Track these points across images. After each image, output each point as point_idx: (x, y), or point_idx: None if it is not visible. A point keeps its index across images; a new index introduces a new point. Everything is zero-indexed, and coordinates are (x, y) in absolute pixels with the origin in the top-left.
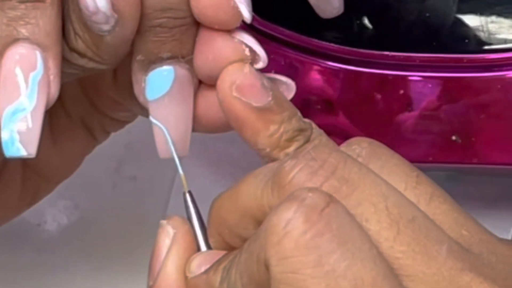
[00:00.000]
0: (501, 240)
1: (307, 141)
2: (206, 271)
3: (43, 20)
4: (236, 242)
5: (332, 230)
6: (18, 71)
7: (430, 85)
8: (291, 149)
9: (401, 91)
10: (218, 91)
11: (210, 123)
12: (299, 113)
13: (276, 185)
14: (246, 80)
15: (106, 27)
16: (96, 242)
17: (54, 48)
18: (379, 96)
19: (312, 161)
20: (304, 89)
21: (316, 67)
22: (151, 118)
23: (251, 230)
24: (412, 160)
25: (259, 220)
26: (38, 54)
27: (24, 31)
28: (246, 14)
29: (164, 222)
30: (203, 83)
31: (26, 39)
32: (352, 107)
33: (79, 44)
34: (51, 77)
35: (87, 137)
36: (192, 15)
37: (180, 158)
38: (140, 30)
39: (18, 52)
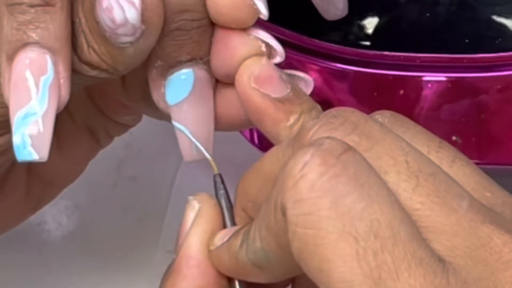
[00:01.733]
0: None
1: None
2: (228, 239)
3: (53, 24)
4: None
5: (349, 173)
6: (28, 75)
7: (430, 85)
8: None
9: (401, 91)
10: (237, 84)
11: (230, 122)
12: (318, 106)
13: (297, 143)
14: (263, 71)
15: (129, 39)
16: (96, 242)
17: (64, 51)
18: (378, 97)
19: (333, 118)
20: None
21: (316, 67)
22: (173, 123)
23: None
24: None
25: None
26: (48, 58)
27: (34, 35)
28: (264, 10)
29: (191, 197)
30: (221, 82)
31: (36, 43)
32: (353, 107)
33: (93, 57)
34: (61, 80)
35: (91, 142)
36: (208, 16)
37: (203, 160)
38: (160, 37)
39: (29, 57)
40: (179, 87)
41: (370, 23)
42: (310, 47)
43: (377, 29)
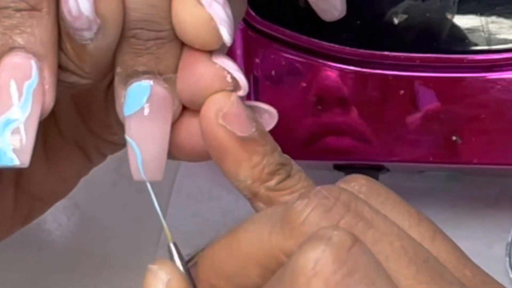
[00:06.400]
0: (499, 283)
1: (288, 176)
2: None
3: (39, 29)
4: None
5: (360, 270)
6: (12, 80)
7: (430, 85)
8: (272, 183)
9: (401, 92)
10: (202, 119)
11: (192, 152)
12: (279, 148)
13: (288, 226)
14: (233, 108)
15: (88, 34)
16: (96, 242)
17: (50, 57)
18: (379, 97)
19: (325, 199)
20: (305, 90)
21: (316, 67)
22: (125, 136)
23: (255, 278)
24: (412, 160)
25: (265, 266)
26: (33, 64)
27: (19, 40)
28: (227, 37)
29: (154, 267)
30: (187, 110)
31: (21, 48)
32: (352, 107)
33: (62, 57)
34: (46, 86)
35: (82, 159)
36: (171, 30)
37: (153, 183)
38: (118, 41)
39: (13, 62)
40: (134, 98)
41: (370, 23)
42: (310, 47)
43: (377, 29)
